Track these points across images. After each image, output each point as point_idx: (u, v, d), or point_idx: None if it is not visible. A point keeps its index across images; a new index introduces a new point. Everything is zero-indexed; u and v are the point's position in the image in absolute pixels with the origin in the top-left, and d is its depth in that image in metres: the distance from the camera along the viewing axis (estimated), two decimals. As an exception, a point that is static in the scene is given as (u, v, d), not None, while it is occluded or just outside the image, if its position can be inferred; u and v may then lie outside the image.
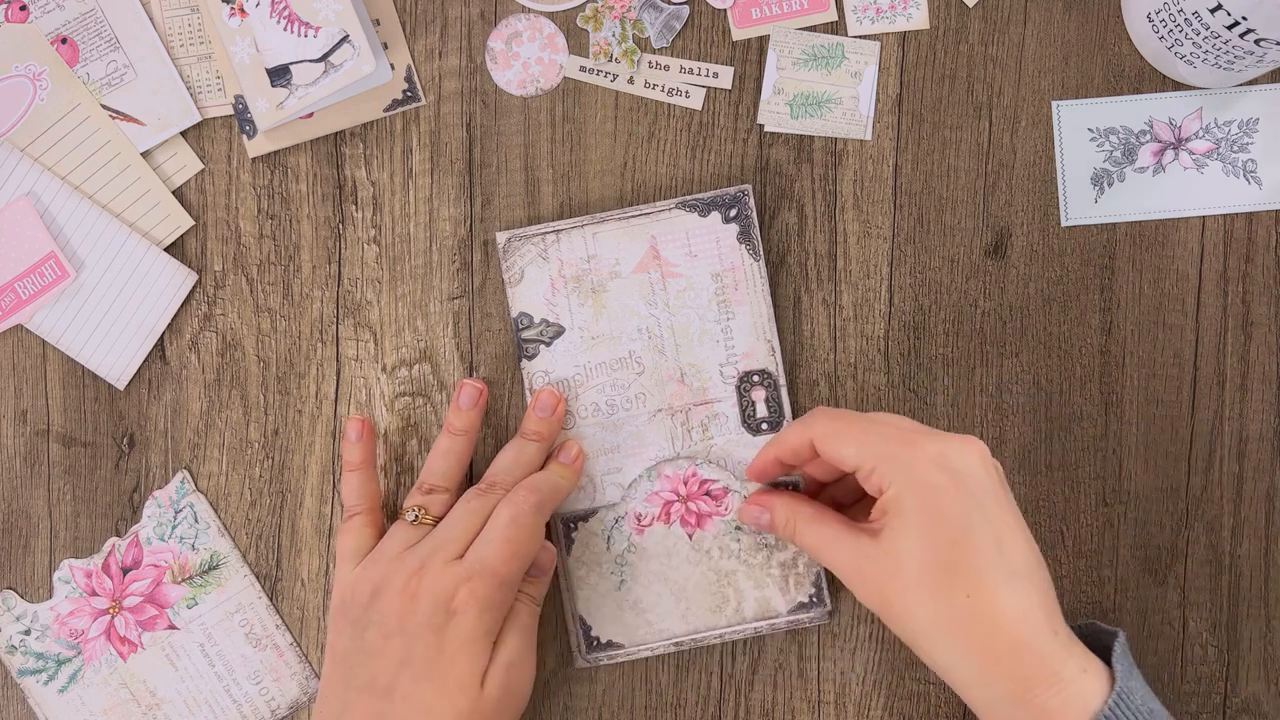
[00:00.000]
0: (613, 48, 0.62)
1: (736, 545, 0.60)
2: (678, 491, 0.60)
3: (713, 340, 0.60)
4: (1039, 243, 0.62)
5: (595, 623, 0.60)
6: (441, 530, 0.57)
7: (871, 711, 0.62)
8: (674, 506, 0.60)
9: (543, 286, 0.61)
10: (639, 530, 0.60)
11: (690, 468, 0.60)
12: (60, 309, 0.62)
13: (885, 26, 0.61)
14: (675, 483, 0.60)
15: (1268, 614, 0.62)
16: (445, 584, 0.54)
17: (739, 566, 0.60)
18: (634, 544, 0.60)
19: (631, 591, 0.60)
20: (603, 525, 0.60)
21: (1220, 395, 0.61)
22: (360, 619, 0.55)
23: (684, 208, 0.60)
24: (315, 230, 0.63)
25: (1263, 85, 0.61)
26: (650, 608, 0.60)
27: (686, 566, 0.60)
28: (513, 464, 0.59)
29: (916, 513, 0.50)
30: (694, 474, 0.60)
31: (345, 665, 0.55)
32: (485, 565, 0.54)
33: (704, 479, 0.60)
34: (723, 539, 0.60)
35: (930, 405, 0.62)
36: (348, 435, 0.61)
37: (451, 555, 0.55)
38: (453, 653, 0.53)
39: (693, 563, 0.60)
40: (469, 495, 0.58)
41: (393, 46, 0.62)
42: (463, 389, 0.60)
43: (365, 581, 0.56)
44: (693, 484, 0.60)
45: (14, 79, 0.62)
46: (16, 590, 0.63)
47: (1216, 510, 0.62)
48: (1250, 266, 0.61)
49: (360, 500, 0.60)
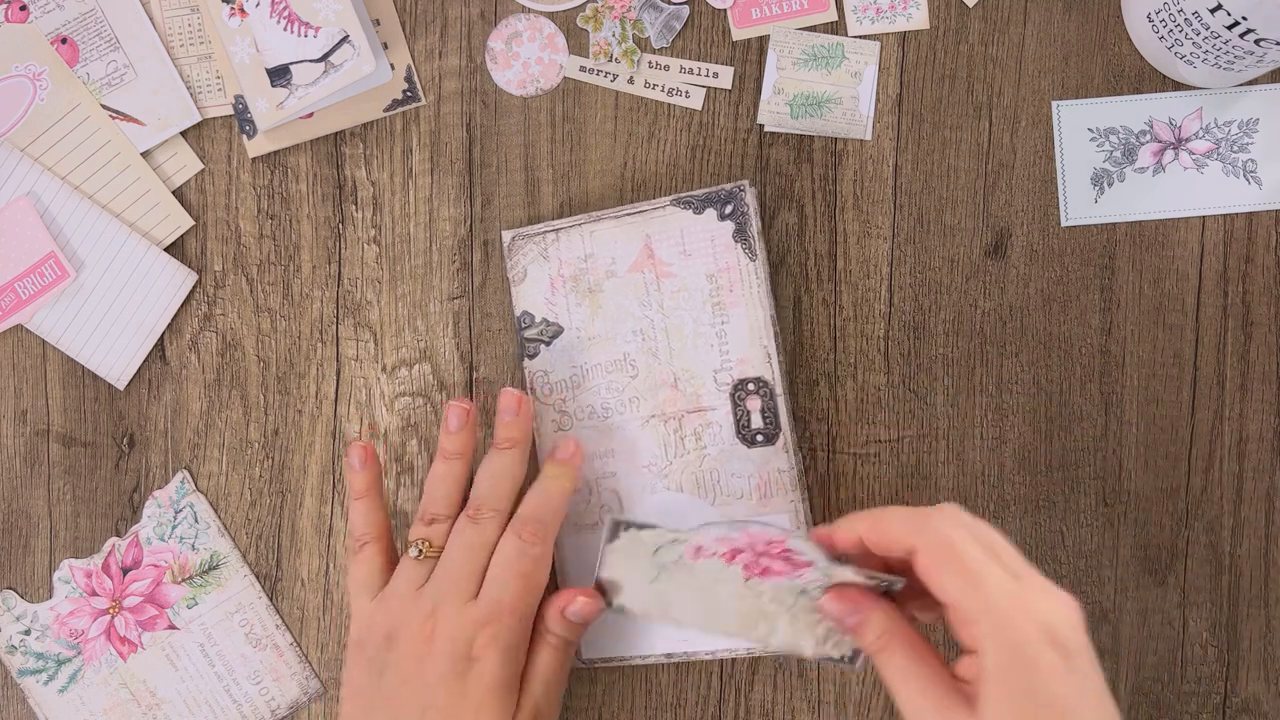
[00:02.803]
0: (613, 48, 0.62)
1: (792, 601, 0.51)
2: (753, 547, 0.52)
3: (707, 344, 0.59)
4: (1039, 243, 0.62)
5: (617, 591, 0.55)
6: (447, 568, 0.55)
7: (871, 712, 0.62)
8: (742, 555, 0.52)
9: (543, 286, 0.61)
10: (694, 557, 0.53)
11: (780, 536, 0.52)
12: (60, 309, 0.62)
13: (885, 26, 0.61)
14: (756, 541, 0.52)
15: (1268, 614, 0.61)
16: (463, 629, 0.53)
17: (784, 614, 0.51)
18: (683, 560, 0.53)
19: (663, 586, 0.54)
20: (657, 539, 0.54)
21: (1220, 395, 0.61)
22: (377, 660, 0.54)
23: (679, 205, 0.60)
24: (315, 230, 0.63)
25: (1263, 85, 0.61)
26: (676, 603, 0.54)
27: (729, 596, 0.52)
28: (494, 480, 0.56)
29: (1022, 698, 0.42)
30: (780, 542, 0.52)
31: (364, 702, 0.54)
32: (501, 606, 0.53)
33: (788, 548, 0.52)
34: (780, 592, 0.51)
35: (930, 405, 0.62)
36: (351, 463, 0.58)
37: (465, 596, 0.54)
38: (478, 701, 0.52)
39: (740, 597, 0.52)
40: (461, 525, 0.56)
41: (393, 46, 0.62)
42: (450, 411, 0.57)
43: (380, 623, 0.54)
44: (776, 548, 0.52)
45: (14, 79, 0.62)
46: (16, 590, 0.63)
47: (1216, 510, 0.61)
48: (1250, 266, 0.61)
49: (369, 529, 0.58)
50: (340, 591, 0.63)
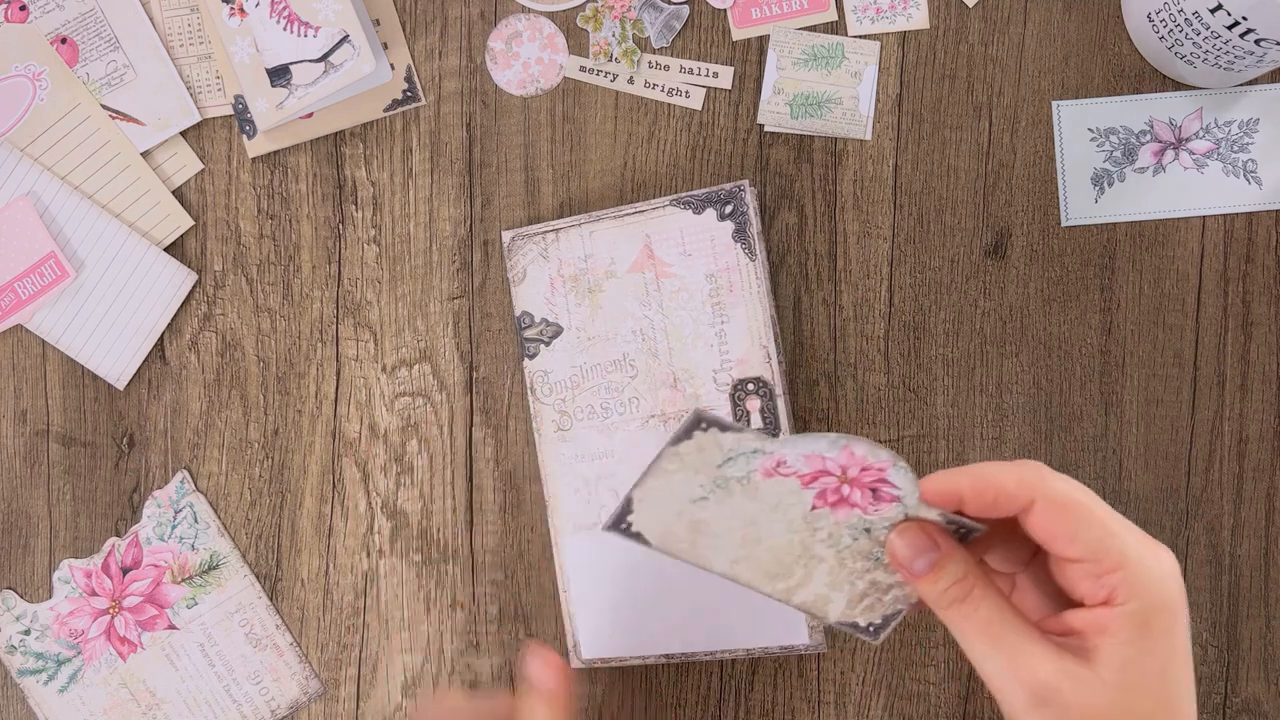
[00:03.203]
0: (613, 48, 0.62)
1: (849, 541, 0.47)
2: (846, 470, 0.47)
3: (706, 344, 0.59)
4: (1039, 243, 0.62)
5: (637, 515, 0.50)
6: None
7: (871, 711, 0.62)
8: (825, 480, 0.47)
9: (543, 286, 0.61)
10: (768, 474, 0.47)
11: (885, 463, 0.46)
12: (60, 309, 0.62)
13: (885, 26, 0.61)
14: (856, 463, 0.46)
15: (1268, 614, 0.61)
16: None
17: (831, 558, 0.48)
18: (751, 478, 0.48)
19: (705, 509, 0.49)
20: (738, 445, 0.47)
21: (1220, 395, 0.61)
22: None
23: (678, 205, 0.59)
24: (315, 230, 0.63)
25: (1263, 85, 0.61)
26: (708, 533, 0.49)
27: (781, 527, 0.48)
28: None
29: (1161, 650, 0.40)
30: (881, 471, 0.46)
31: None
32: None
33: (887, 479, 0.46)
34: (840, 529, 0.47)
35: (930, 405, 0.62)
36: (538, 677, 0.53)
37: None
38: None
39: (792, 529, 0.47)
40: None
41: (393, 46, 0.62)
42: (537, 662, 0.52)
43: None
44: (869, 475, 0.47)
45: (14, 79, 0.62)
46: (16, 590, 0.63)
47: (1216, 510, 0.61)
48: (1250, 266, 0.61)
49: None
50: (339, 591, 0.63)
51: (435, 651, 0.63)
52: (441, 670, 0.63)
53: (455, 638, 0.63)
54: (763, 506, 0.48)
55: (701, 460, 0.48)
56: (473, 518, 0.63)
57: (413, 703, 0.63)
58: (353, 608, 0.63)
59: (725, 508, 0.48)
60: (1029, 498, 0.43)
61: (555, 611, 0.62)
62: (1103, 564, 0.41)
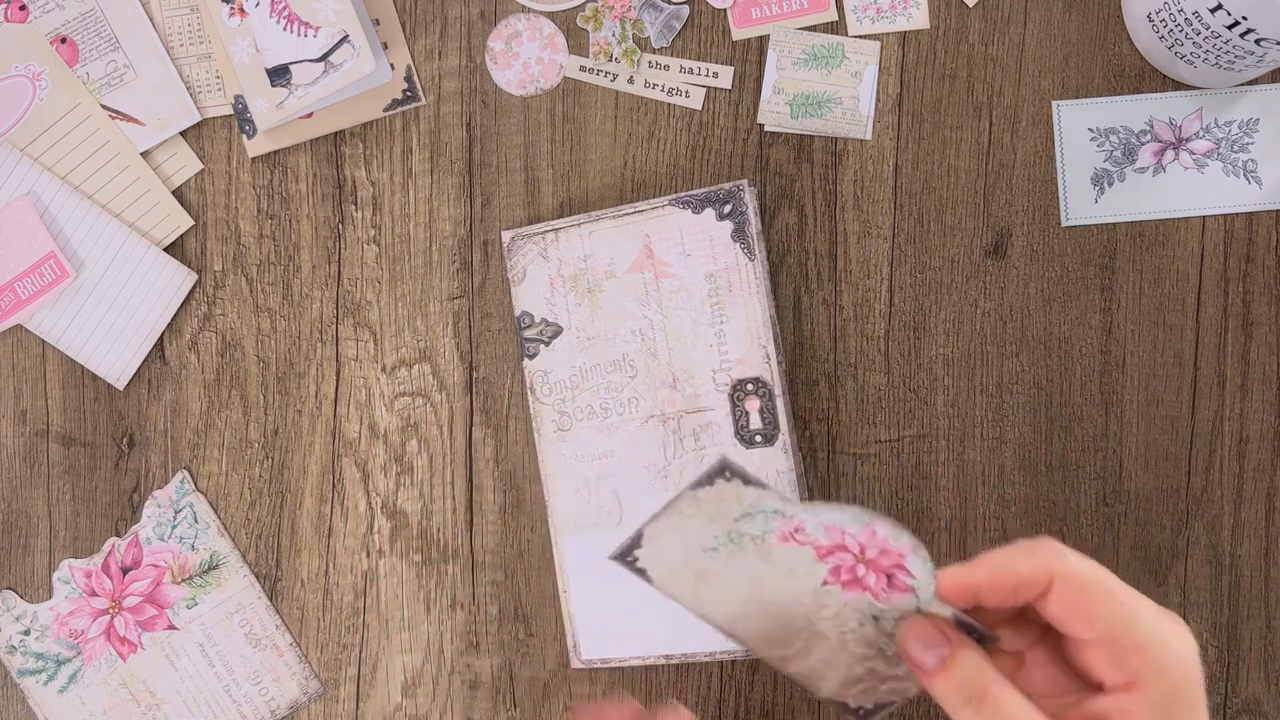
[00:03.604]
0: (613, 47, 0.62)
1: (854, 625, 0.46)
2: (865, 550, 0.46)
3: (705, 344, 0.59)
4: (1039, 243, 0.62)
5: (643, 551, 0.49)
6: None
7: (871, 712, 0.62)
8: (842, 554, 0.46)
9: (543, 286, 0.61)
10: (784, 538, 0.47)
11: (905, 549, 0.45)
12: (60, 309, 0.62)
13: (885, 26, 0.61)
14: (876, 545, 0.45)
15: (1268, 614, 0.61)
16: None
17: (834, 637, 0.46)
18: (767, 539, 0.47)
19: (714, 560, 0.48)
20: (758, 502, 0.47)
21: (1220, 395, 0.61)
22: None
23: (677, 204, 0.59)
24: (315, 230, 0.63)
25: (1263, 85, 0.61)
26: (713, 585, 0.48)
27: (789, 596, 0.47)
28: None
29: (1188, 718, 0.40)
30: (900, 556, 0.45)
31: None
32: None
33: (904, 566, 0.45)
34: (848, 610, 0.46)
35: (930, 405, 0.62)
36: None
37: None
38: None
39: (799, 601, 0.46)
40: None
41: (393, 46, 0.62)
42: None
43: None
44: (888, 559, 0.45)
45: (14, 79, 0.62)
46: (16, 590, 0.63)
47: (1216, 510, 0.61)
48: (1250, 266, 0.61)
49: None
50: (339, 592, 0.63)
51: (435, 651, 0.63)
52: (441, 670, 0.63)
53: (455, 638, 0.63)
54: (773, 571, 0.47)
55: (719, 510, 0.48)
56: (473, 518, 0.63)
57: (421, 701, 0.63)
58: (352, 608, 0.63)
59: (735, 564, 0.47)
60: (1047, 579, 0.42)
61: (555, 611, 0.62)
62: (1123, 645, 0.41)
